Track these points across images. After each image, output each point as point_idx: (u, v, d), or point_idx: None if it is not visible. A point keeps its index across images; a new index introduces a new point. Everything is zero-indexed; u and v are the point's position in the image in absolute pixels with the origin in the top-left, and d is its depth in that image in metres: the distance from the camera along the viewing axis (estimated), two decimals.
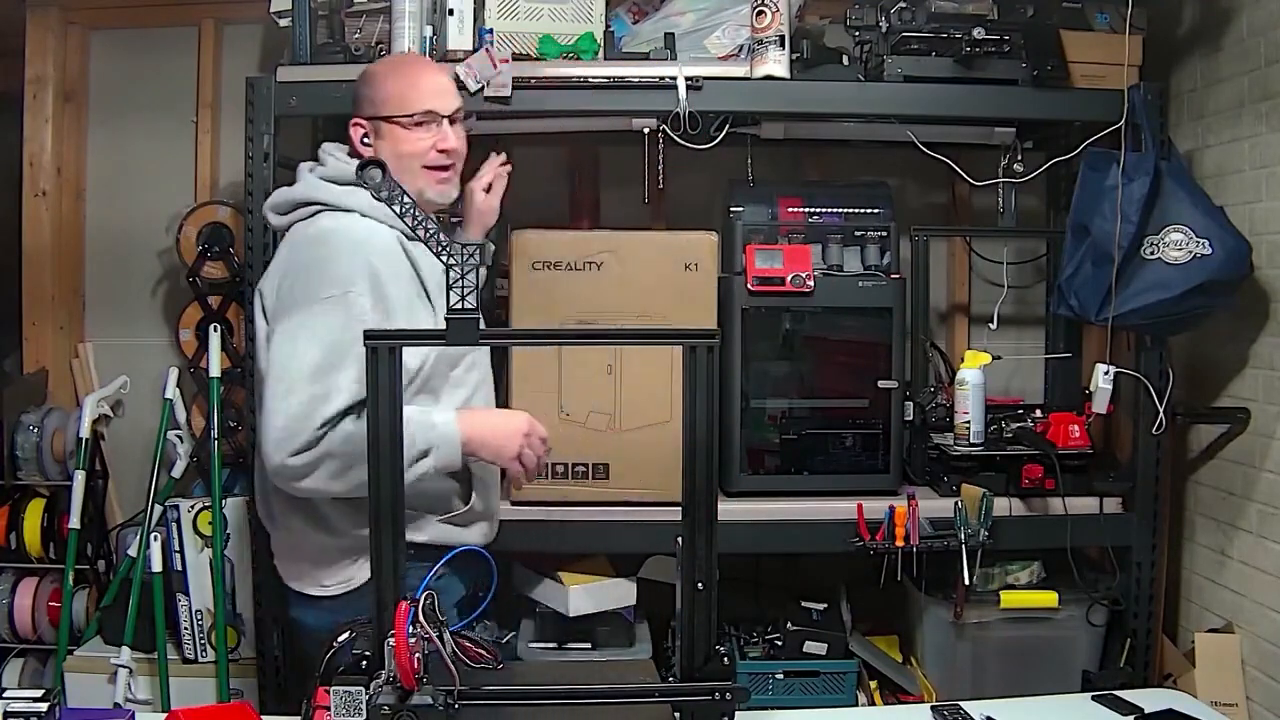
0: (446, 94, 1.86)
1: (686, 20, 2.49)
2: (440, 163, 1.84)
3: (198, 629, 2.60)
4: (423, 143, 1.82)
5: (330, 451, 1.62)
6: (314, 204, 1.79)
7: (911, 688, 2.44)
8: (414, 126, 1.82)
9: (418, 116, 1.81)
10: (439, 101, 1.84)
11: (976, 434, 2.44)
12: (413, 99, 1.82)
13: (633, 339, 1.53)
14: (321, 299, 1.66)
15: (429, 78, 1.86)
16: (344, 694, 1.21)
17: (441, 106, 1.84)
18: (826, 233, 2.49)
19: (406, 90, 1.83)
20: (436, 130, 1.83)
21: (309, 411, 1.60)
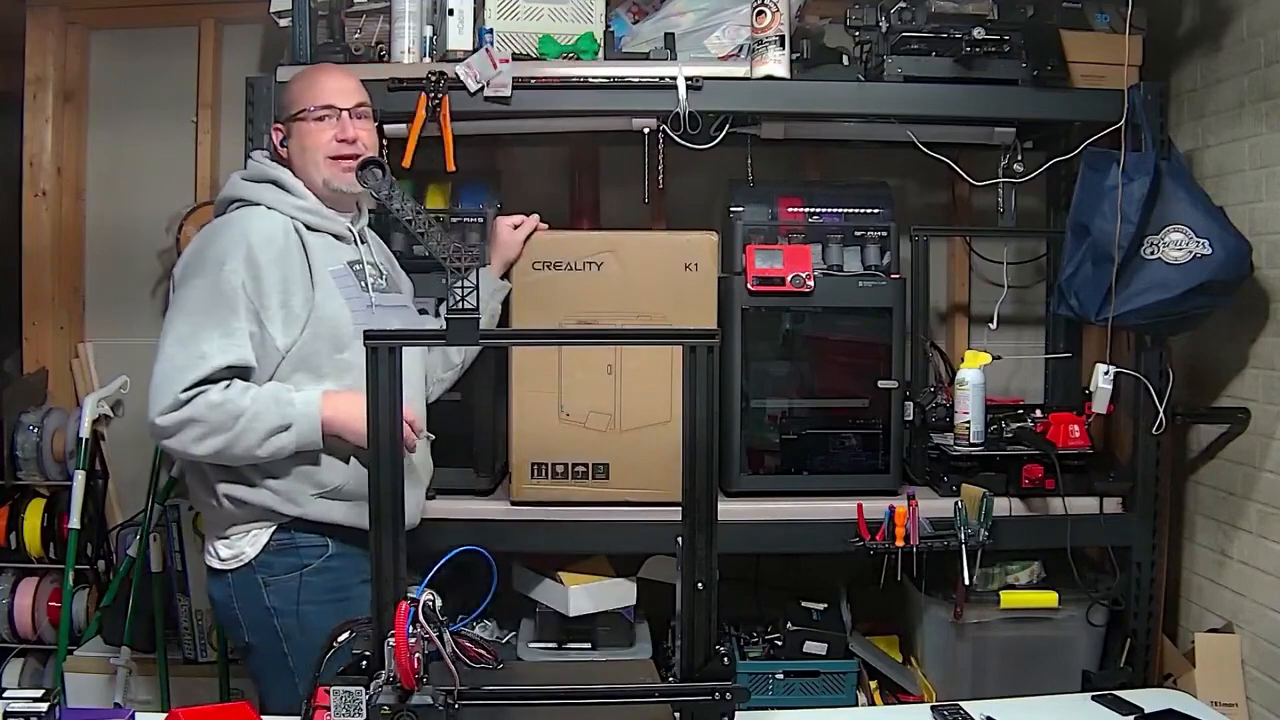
0: (347, 92, 1.98)
1: (686, 20, 2.49)
2: (342, 152, 1.93)
3: (198, 629, 2.60)
4: (324, 134, 1.94)
5: (194, 416, 1.73)
6: (236, 200, 1.94)
7: (911, 688, 2.44)
8: (315, 121, 1.94)
9: (318, 111, 1.94)
10: (338, 97, 1.96)
11: (976, 434, 2.43)
12: (312, 96, 1.96)
13: (633, 339, 1.53)
14: (199, 278, 1.81)
15: (329, 78, 2.00)
16: (344, 694, 1.21)
17: (340, 101, 1.96)
18: (826, 233, 2.48)
19: (307, 90, 1.98)
20: (335, 123, 1.95)
21: (175, 375, 1.74)
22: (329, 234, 1.95)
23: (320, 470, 1.87)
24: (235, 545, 1.86)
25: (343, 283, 1.91)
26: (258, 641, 1.86)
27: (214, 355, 1.75)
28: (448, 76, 2.29)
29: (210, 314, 1.78)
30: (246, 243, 1.82)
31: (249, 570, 1.85)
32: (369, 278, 1.96)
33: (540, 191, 2.85)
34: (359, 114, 1.99)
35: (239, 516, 1.86)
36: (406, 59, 2.37)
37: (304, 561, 1.85)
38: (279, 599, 1.84)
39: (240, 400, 1.75)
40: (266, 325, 1.81)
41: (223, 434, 1.74)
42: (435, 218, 1.68)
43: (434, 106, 2.28)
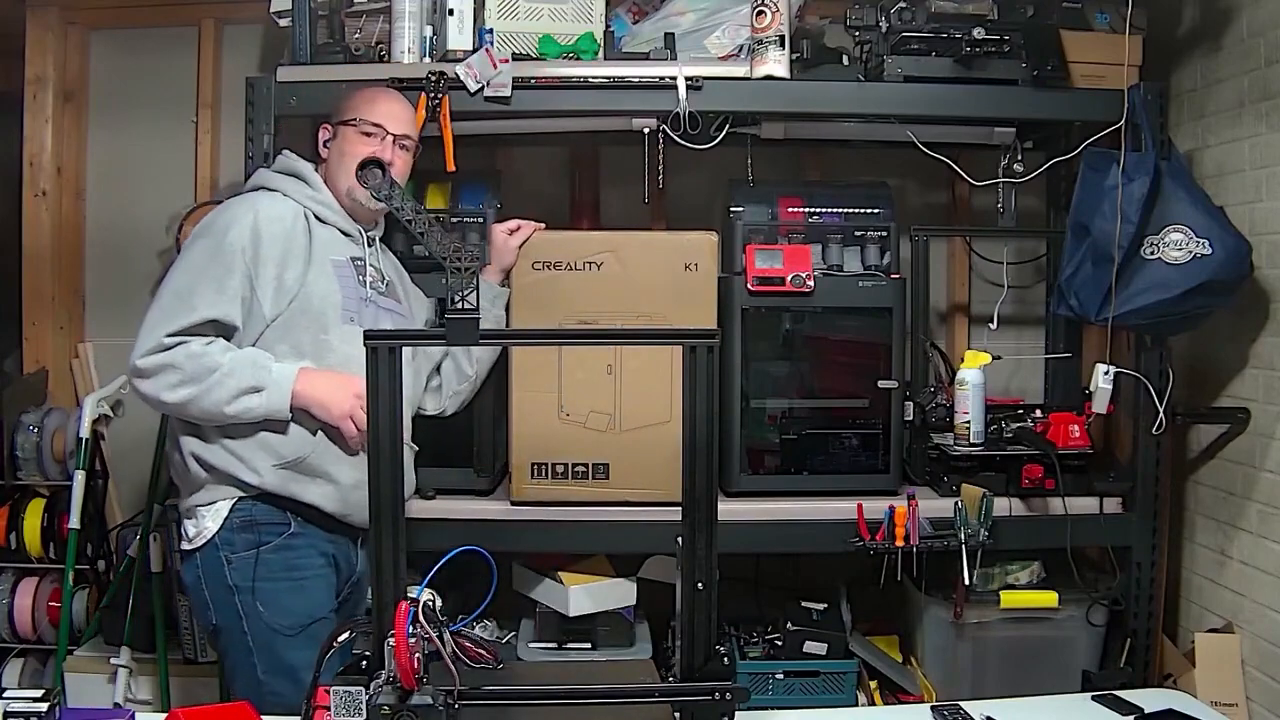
0: (400, 120, 2.08)
1: (686, 20, 2.49)
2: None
3: (198, 629, 2.59)
4: (364, 148, 2.00)
5: (172, 362, 1.81)
6: (258, 187, 2.04)
7: (911, 688, 2.44)
8: (362, 135, 2.03)
9: (367, 126, 2.04)
10: (390, 122, 2.06)
11: (976, 434, 2.43)
12: (367, 111, 2.05)
13: (633, 339, 1.53)
14: (201, 239, 1.91)
15: (389, 103, 2.09)
16: (344, 694, 1.21)
17: (391, 125, 2.06)
18: (826, 233, 2.48)
19: (365, 104, 2.07)
20: (379, 143, 2.03)
21: (162, 320, 1.83)
22: (337, 229, 2.03)
23: (284, 441, 1.91)
24: (200, 522, 1.91)
25: (341, 272, 1.99)
26: (222, 622, 1.91)
27: (202, 307, 1.84)
28: (448, 76, 2.29)
29: (206, 271, 1.87)
30: (254, 214, 1.91)
31: (213, 548, 1.90)
32: (369, 276, 2.03)
33: (540, 191, 2.85)
34: (403, 144, 2.08)
35: (202, 480, 1.91)
36: (406, 59, 2.37)
37: (263, 539, 1.90)
38: (239, 576, 1.89)
39: (219, 356, 1.83)
40: (257, 291, 1.88)
41: (195, 384, 1.81)
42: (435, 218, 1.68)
43: (434, 106, 2.28)
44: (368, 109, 2.06)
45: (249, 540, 1.90)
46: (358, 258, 2.04)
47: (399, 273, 2.23)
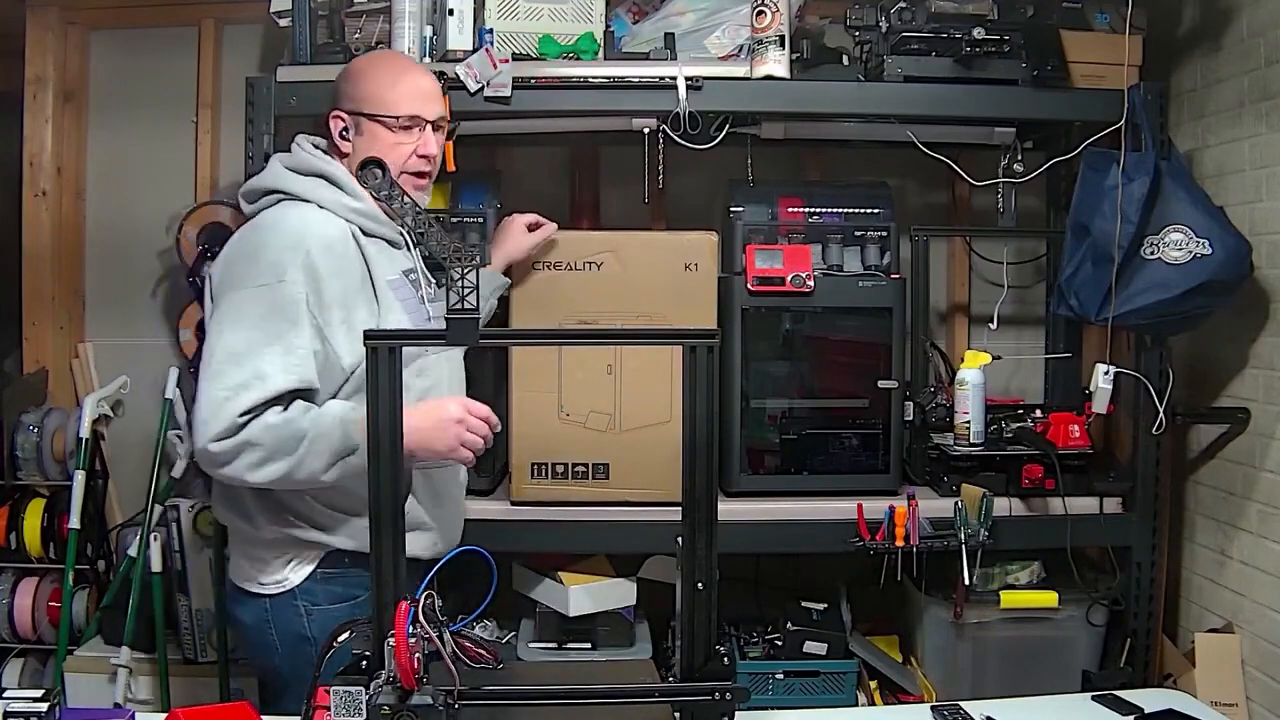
0: (431, 99, 1.84)
1: (686, 20, 2.49)
2: (420, 169, 1.83)
3: (198, 629, 2.60)
4: (404, 147, 1.80)
5: (250, 440, 1.57)
6: (277, 193, 1.77)
7: (911, 688, 2.44)
8: (399, 130, 1.80)
9: (404, 120, 1.79)
10: (425, 106, 1.82)
11: (976, 434, 2.43)
12: (392, 100, 1.79)
13: (633, 339, 1.53)
14: (254, 285, 1.63)
15: (417, 80, 1.83)
16: (344, 694, 1.21)
17: (427, 112, 1.82)
18: (826, 233, 2.48)
19: (390, 90, 1.80)
20: (419, 135, 1.81)
21: (230, 398, 1.56)
22: (383, 240, 1.80)
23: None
24: (274, 571, 1.73)
25: (401, 294, 1.77)
26: (286, 669, 1.71)
27: (275, 375, 1.58)
28: (448, 76, 2.28)
29: (268, 328, 1.61)
30: (305, 250, 1.65)
31: (290, 597, 1.71)
32: (424, 289, 1.82)
33: (540, 191, 2.85)
34: (438, 125, 1.86)
35: (282, 536, 1.72)
36: None
37: (353, 593, 1.71)
38: (318, 629, 1.68)
39: (300, 422, 1.59)
40: (330, 342, 1.65)
41: (283, 459, 1.58)
42: (435, 218, 1.68)
43: None
44: (396, 97, 1.79)
45: (334, 594, 1.71)
46: (409, 270, 1.81)
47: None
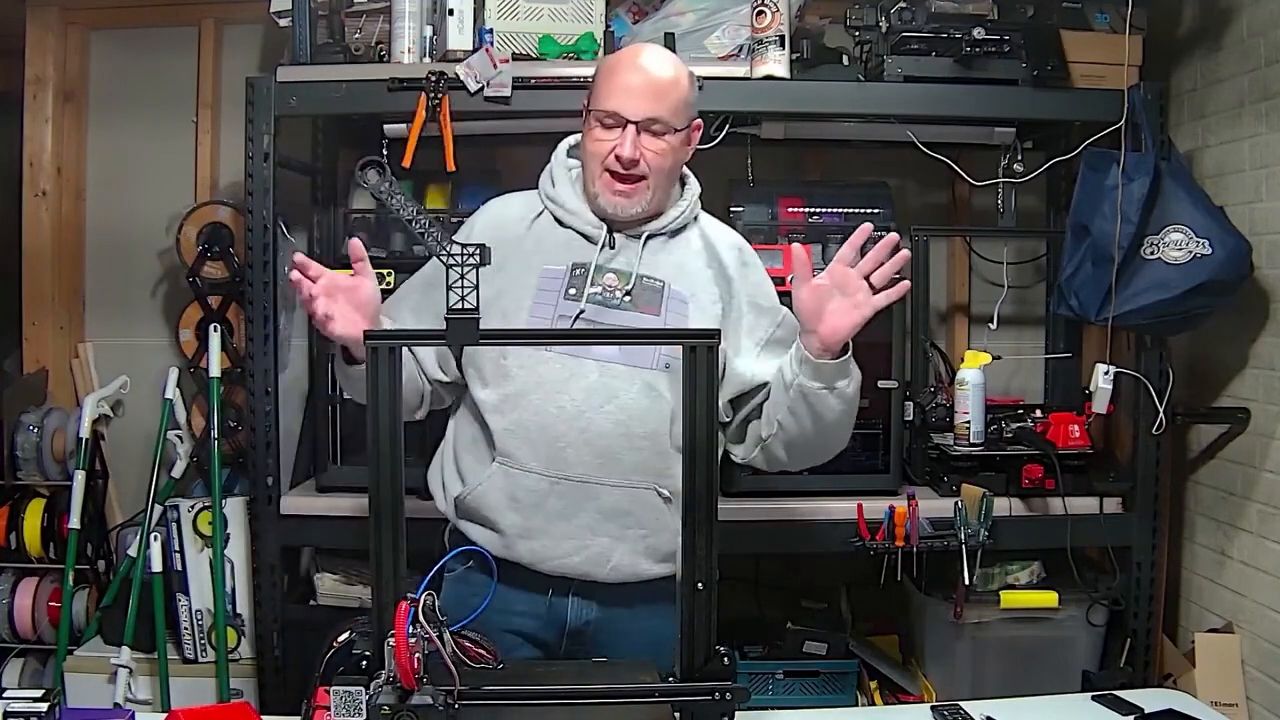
0: (639, 97, 1.63)
1: (686, 20, 2.49)
2: (615, 169, 1.64)
3: (198, 629, 2.60)
4: (602, 144, 1.65)
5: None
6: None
7: (911, 688, 2.44)
8: (598, 124, 1.66)
9: (601, 114, 1.65)
10: (627, 103, 1.63)
11: (976, 434, 2.43)
12: (603, 93, 1.66)
13: (633, 339, 1.52)
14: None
15: (624, 75, 1.66)
16: (344, 694, 1.21)
17: (628, 109, 1.63)
18: (826, 233, 2.48)
19: (602, 82, 1.68)
20: (620, 134, 1.64)
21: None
22: (576, 231, 1.70)
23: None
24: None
25: (547, 284, 1.66)
26: None
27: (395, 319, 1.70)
28: (448, 76, 2.29)
29: (418, 280, 1.78)
30: (481, 215, 1.77)
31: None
32: (592, 287, 1.65)
33: None
34: (651, 128, 1.64)
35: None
36: (406, 59, 2.37)
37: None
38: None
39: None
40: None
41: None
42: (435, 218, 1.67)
43: (434, 106, 2.28)
44: (604, 89, 1.66)
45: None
46: (580, 264, 1.66)
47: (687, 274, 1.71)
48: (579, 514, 1.60)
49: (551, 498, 1.60)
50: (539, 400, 1.60)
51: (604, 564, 1.62)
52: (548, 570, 1.62)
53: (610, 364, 1.60)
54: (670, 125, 1.64)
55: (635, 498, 1.61)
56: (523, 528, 1.61)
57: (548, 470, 1.60)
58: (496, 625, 1.57)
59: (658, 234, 1.70)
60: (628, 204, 1.65)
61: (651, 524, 1.63)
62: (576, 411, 1.59)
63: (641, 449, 1.61)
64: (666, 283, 1.67)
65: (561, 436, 1.59)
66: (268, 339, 2.40)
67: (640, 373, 1.61)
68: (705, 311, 1.67)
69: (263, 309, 2.39)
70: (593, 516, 1.61)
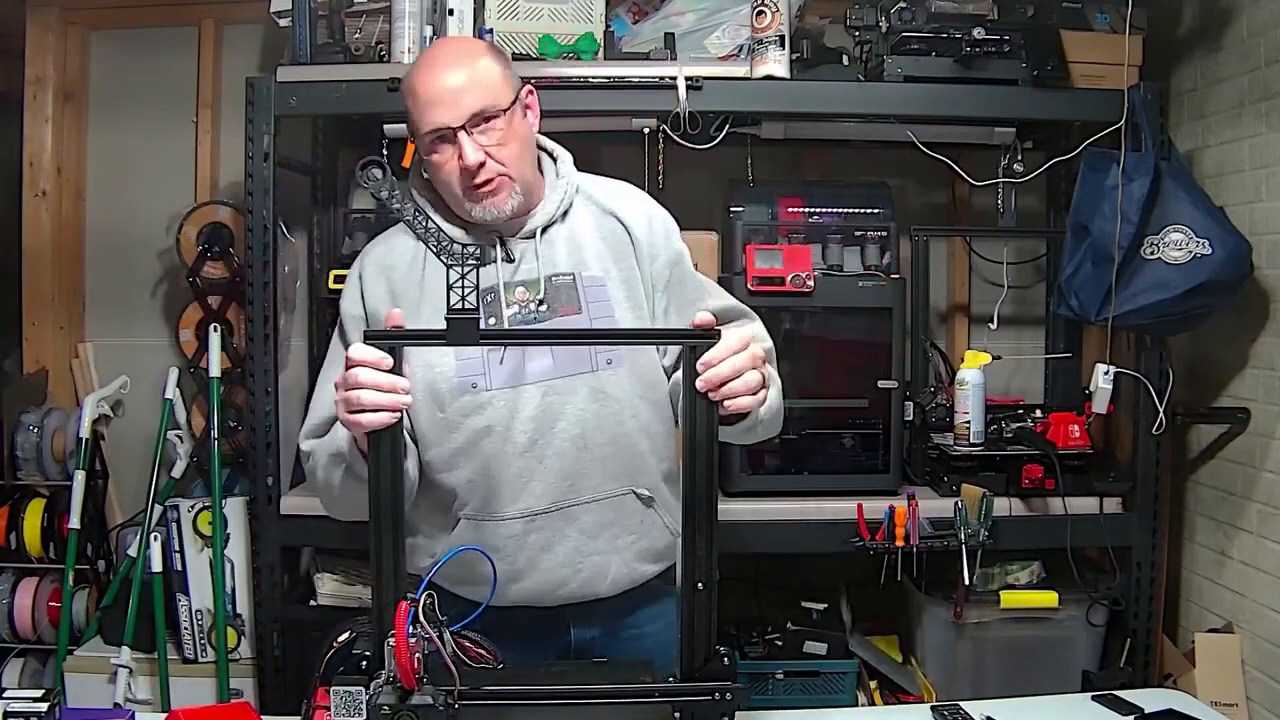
0: (449, 100, 1.50)
1: (686, 20, 2.49)
2: (470, 182, 1.52)
3: (198, 629, 2.60)
4: (447, 163, 1.52)
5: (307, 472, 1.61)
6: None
7: (911, 688, 2.44)
8: (432, 150, 1.53)
9: (430, 137, 1.52)
10: (443, 113, 1.50)
11: (976, 434, 2.44)
12: (418, 116, 1.53)
13: (633, 339, 1.52)
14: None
15: (425, 88, 1.52)
16: (344, 694, 1.21)
17: (448, 118, 1.49)
18: (826, 233, 2.49)
19: (411, 106, 1.54)
20: (453, 148, 1.51)
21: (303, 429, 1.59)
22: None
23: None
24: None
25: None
26: None
27: (320, 407, 1.54)
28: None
29: (332, 354, 1.59)
30: (360, 268, 1.60)
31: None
32: (509, 307, 1.54)
33: None
34: (479, 126, 1.50)
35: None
36: (406, 59, 2.37)
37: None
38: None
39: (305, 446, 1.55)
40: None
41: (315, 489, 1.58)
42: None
43: None
44: (415, 111, 1.52)
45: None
46: (488, 289, 1.54)
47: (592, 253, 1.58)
48: (562, 542, 1.53)
49: (531, 535, 1.52)
50: (490, 444, 1.51)
51: (602, 581, 1.55)
52: (546, 604, 1.55)
53: (549, 382, 1.51)
54: (496, 109, 1.50)
55: (615, 506, 1.54)
56: (509, 573, 1.52)
57: (520, 511, 1.52)
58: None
59: (547, 225, 1.58)
60: (499, 202, 1.53)
61: (638, 528, 1.57)
62: (529, 442, 1.51)
63: (606, 456, 1.53)
64: (576, 273, 1.56)
65: (522, 472, 1.51)
66: (268, 339, 2.40)
67: (581, 380, 1.52)
68: (627, 283, 1.57)
69: (263, 309, 2.39)
70: (578, 539, 1.53)
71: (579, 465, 1.52)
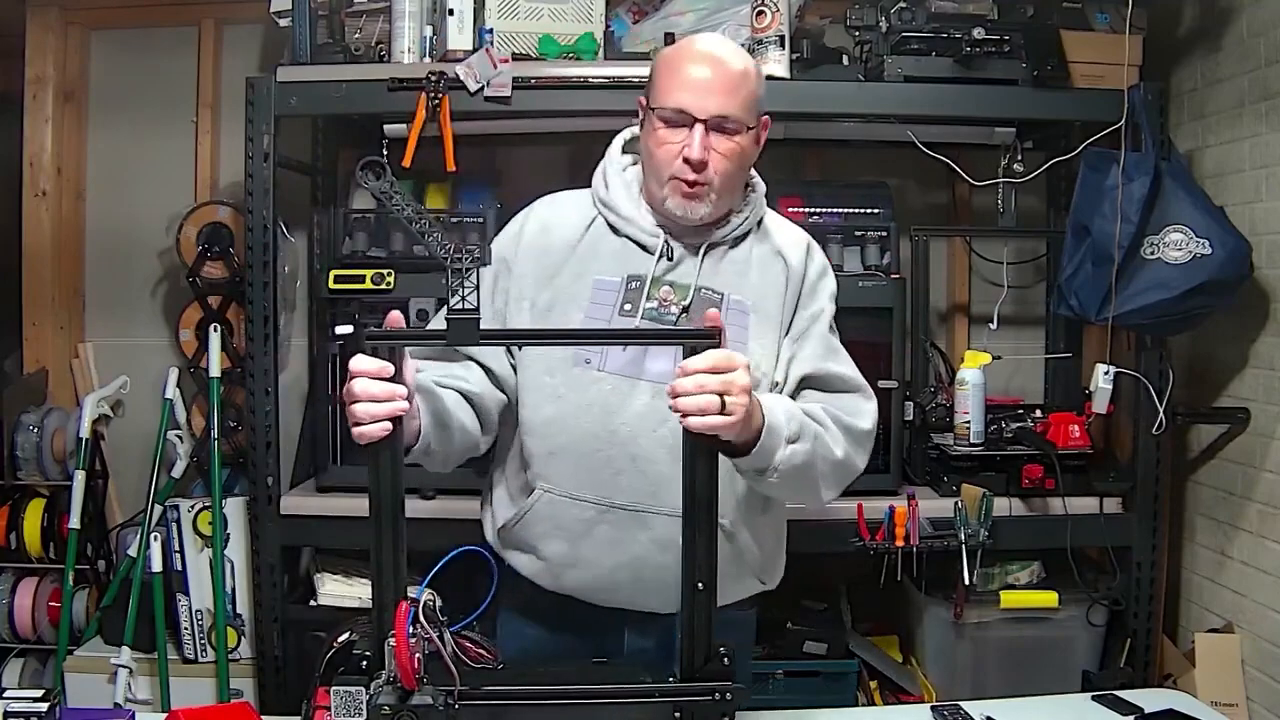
0: (708, 92, 1.48)
1: (686, 20, 2.49)
2: (684, 175, 1.50)
3: (198, 629, 2.60)
4: (668, 145, 1.50)
5: None
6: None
7: (911, 688, 2.44)
8: (663, 124, 1.51)
9: (666, 113, 1.50)
10: (695, 100, 1.48)
11: (976, 434, 2.44)
12: (666, 89, 1.51)
13: (633, 339, 1.52)
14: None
15: (690, 67, 1.50)
16: (344, 694, 1.21)
17: (696, 107, 1.48)
18: (826, 233, 2.48)
19: (665, 76, 1.52)
20: (686, 133, 1.49)
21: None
22: (631, 240, 1.58)
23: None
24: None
25: (601, 296, 1.55)
26: None
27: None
28: (448, 76, 2.29)
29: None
30: (525, 219, 1.62)
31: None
32: (648, 301, 1.54)
33: (540, 191, 2.84)
34: (723, 127, 1.49)
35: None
36: (406, 59, 2.37)
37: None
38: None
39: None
40: (511, 319, 1.56)
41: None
42: (435, 218, 1.67)
43: (434, 106, 2.28)
44: (668, 85, 1.50)
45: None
46: (636, 275, 1.55)
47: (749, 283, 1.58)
48: (631, 544, 1.51)
49: (601, 526, 1.52)
50: (589, 424, 1.50)
51: (658, 595, 1.52)
52: (600, 603, 1.55)
53: (664, 385, 1.41)
54: (743, 123, 1.50)
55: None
56: (571, 557, 1.53)
57: (598, 498, 1.51)
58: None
59: (719, 243, 1.58)
60: (696, 206, 1.52)
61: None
62: (629, 436, 1.50)
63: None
64: (726, 294, 1.56)
65: (612, 462, 1.50)
66: (268, 339, 2.40)
67: None
68: (769, 321, 1.56)
69: (263, 309, 2.39)
70: (646, 547, 1.51)
71: (668, 475, 1.46)
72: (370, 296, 2.40)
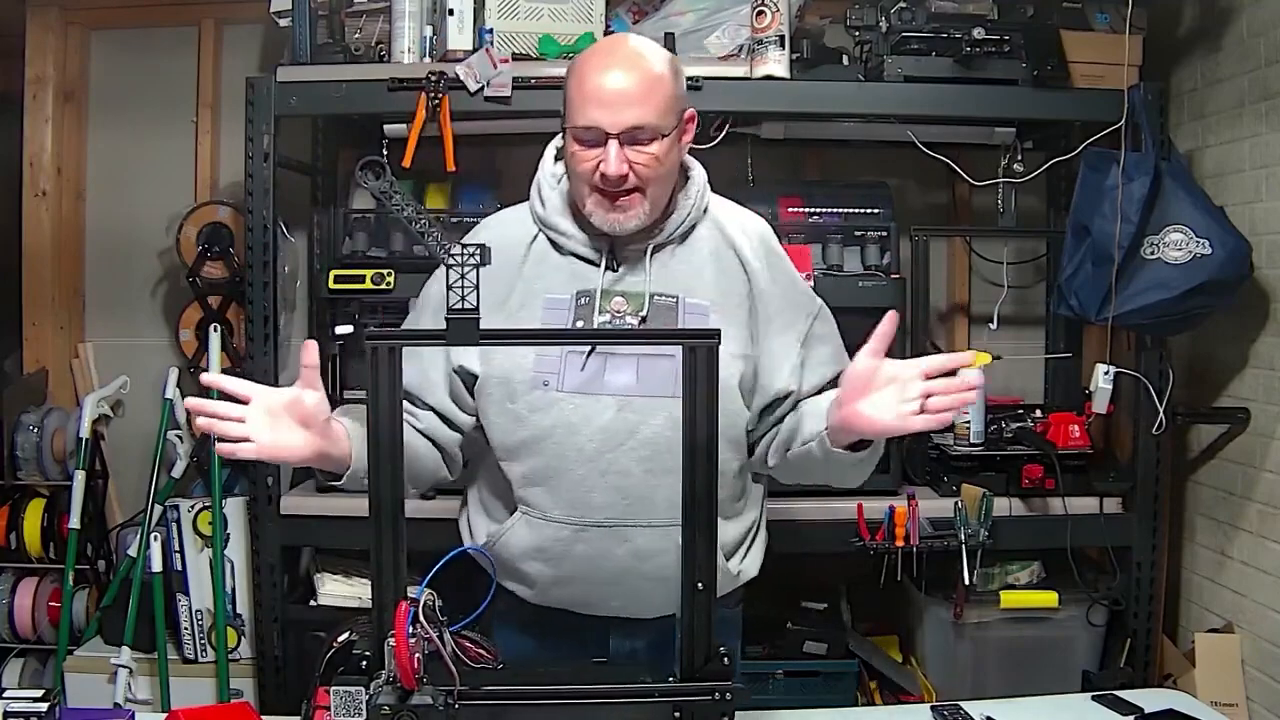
0: (615, 106, 1.42)
1: (686, 20, 2.49)
2: (604, 188, 1.47)
3: (198, 629, 2.60)
4: (586, 162, 1.45)
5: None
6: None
7: (911, 688, 2.44)
8: (577, 143, 1.46)
9: (578, 131, 1.45)
10: (604, 115, 1.42)
11: (976, 434, 2.44)
12: (576, 106, 1.45)
13: (633, 339, 1.52)
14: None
15: (594, 82, 1.44)
16: (344, 694, 1.21)
17: (605, 122, 1.42)
18: (826, 233, 2.49)
19: (573, 92, 1.47)
20: (602, 150, 1.44)
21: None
22: (576, 256, 1.55)
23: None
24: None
25: (552, 317, 1.52)
26: None
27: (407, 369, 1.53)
28: (448, 76, 2.29)
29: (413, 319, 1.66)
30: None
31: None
32: (601, 314, 1.51)
33: None
34: (636, 139, 1.44)
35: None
36: (406, 59, 2.37)
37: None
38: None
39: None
40: (466, 354, 1.53)
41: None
42: (435, 218, 1.67)
43: (434, 106, 2.28)
44: (576, 97, 1.45)
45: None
46: (585, 291, 1.52)
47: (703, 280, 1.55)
48: (609, 559, 1.50)
49: (578, 545, 1.50)
50: (554, 445, 1.49)
51: (646, 604, 1.53)
52: (586, 612, 1.55)
53: (628, 398, 1.47)
54: (658, 131, 1.44)
55: (670, 536, 1.39)
56: (552, 577, 1.53)
57: (570, 518, 1.50)
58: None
59: (665, 242, 1.54)
60: (625, 219, 1.48)
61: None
62: (595, 452, 1.48)
63: (671, 484, 1.37)
64: (680, 296, 1.52)
65: (583, 481, 1.49)
66: (268, 339, 2.40)
67: (661, 403, 1.47)
68: (729, 317, 1.52)
69: (263, 309, 2.39)
70: (627, 560, 1.50)
71: (641, 487, 1.48)
72: (370, 296, 2.40)
